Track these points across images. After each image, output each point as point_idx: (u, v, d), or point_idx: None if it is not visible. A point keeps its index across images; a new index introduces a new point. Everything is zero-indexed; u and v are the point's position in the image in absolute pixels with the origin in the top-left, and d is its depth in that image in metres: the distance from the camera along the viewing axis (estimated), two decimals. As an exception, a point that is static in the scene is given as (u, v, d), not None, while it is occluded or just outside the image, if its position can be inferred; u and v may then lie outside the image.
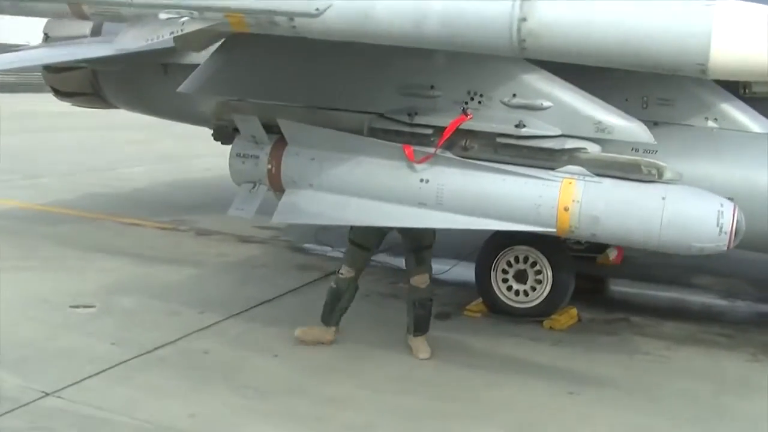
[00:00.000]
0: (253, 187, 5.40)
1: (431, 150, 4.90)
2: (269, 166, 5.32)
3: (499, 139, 4.81)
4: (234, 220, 10.21)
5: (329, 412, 5.08)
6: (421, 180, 4.92)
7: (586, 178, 4.66)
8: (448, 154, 4.90)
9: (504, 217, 4.76)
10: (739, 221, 4.46)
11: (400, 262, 7.75)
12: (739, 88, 5.82)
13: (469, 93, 4.89)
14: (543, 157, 4.77)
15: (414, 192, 4.93)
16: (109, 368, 5.55)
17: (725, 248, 4.48)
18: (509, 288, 6.86)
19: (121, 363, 5.64)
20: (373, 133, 5.15)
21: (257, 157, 5.38)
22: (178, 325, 6.42)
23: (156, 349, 5.95)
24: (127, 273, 7.68)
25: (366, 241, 5.77)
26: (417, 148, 4.91)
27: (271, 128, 5.38)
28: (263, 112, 5.42)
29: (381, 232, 5.73)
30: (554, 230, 4.71)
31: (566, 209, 4.62)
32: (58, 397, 5.09)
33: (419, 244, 5.75)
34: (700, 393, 5.54)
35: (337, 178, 5.13)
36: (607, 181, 4.63)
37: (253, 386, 5.40)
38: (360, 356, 5.90)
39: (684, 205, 4.49)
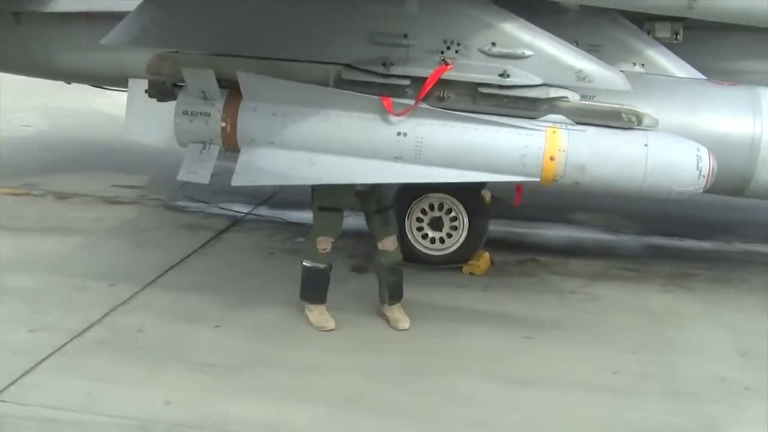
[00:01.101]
0: (204, 148, 4.93)
1: (409, 102, 4.69)
2: (223, 124, 4.88)
3: (482, 89, 4.70)
4: (88, 180, 9.65)
5: (311, 380, 4.86)
6: (399, 133, 4.72)
7: (570, 127, 4.68)
8: (426, 106, 4.72)
9: (487, 169, 4.70)
10: (713, 165, 4.68)
11: (282, 215, 8.02)
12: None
13: (445, 42, 4.72)
14: (524, 107, 4.73)
15: (390, 146, 4.73)
16: (45, 359, 4.95)
17: (701, 191, 4.69)
18: (425, 236, 6.87)
19: (55, 351, 5.05)
20: (341, 85, 4.85)
21: (208, 114, 4.91)
22: (93, 301, 5.87)
23: (85, 331, 5.39)
24: (6, 248, 6.80)
25: (337, 201, 5.41)
26: (396, 100, 4.68)
27: (219, 83, 4.91)
28: (212, 65, 4.92)
29: (351, 189, 5.37)
30: (538, 180, 4.71)
31: (552, 158, 4.63)
32: (1, 401, 4.45)
33: (384, 204, 5.54)
34: (640, 326, 5.84)
35: (303, 134, 4.80)
36: (591, 130, 4.69)
37: (212, 362, 5.05)
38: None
39: (665, 151, 4.64)
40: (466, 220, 6.82)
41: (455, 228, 6.82)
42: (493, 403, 4.71)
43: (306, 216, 8.02)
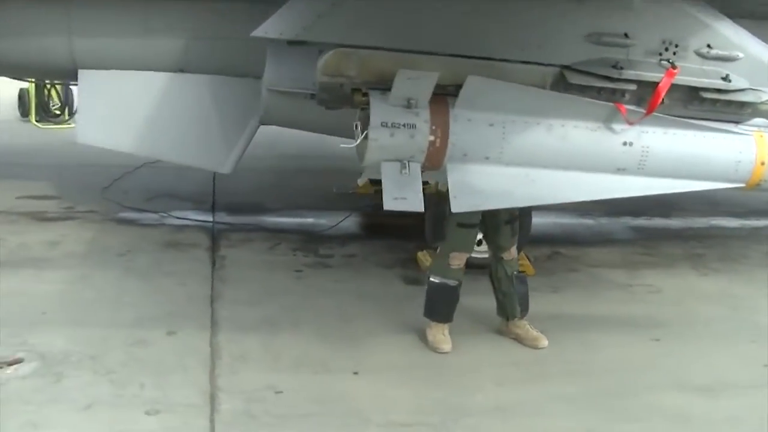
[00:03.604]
0: (404, 168, 4.08)
1: (637, 109, 4.26)
2: (431, 137, 4.07)
3: (704, 94, 4.39)
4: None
5: (521, 423, 4.31)
6: (624, 143, 4.29)
7: (772, 131, 4.55)
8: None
9: (704, 177, 4.45)
10: None
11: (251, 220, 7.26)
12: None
13: (663, 42, 4.34)
14: (732, 111, 4.51)
15: (615, 157, 4.30)
16: None
17: None
18: (472, 240, 6.39)
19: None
20: (563, 89, 4.26)
21: (413, 126, 4.06)
22: (173, 358, 4.78)
23: (214, 403, 4.33)
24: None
25: (475, 217, 4.86)
26: (630, 107, 4.22)
27: (406, 87, 4.08)
28: (408, 65, 4.06)
29: None
30: (744, 185, 4.55)
31: (763, 163, 4.49)
32: None
33: (515, 213, 5.05)
34: (729, 315, 5.91)
35: (524, 148, 4.18)
36: (792, 132, 4.59)
37: (404, 421, 4.29)
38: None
39: None
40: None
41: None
42: (707, 416, 4.49)
43: (277, 221, 7.33)
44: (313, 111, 5.34)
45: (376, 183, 8.68)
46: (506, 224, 5.08)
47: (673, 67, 4.31)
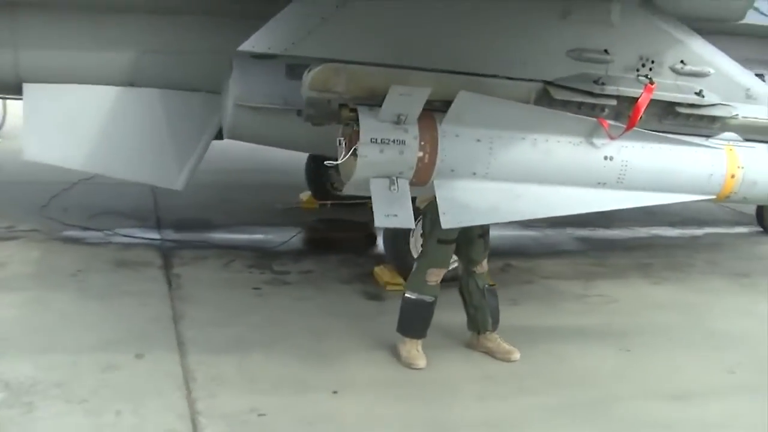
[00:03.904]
0: (393, 184, 4.03)
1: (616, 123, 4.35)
2: (420, 154, 4.05)
3: (679, 109, 4.51)
4: None
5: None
6: (606, 157, 4.37)
7: (741, 144, 4.72)
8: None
9: (678, 189, 4.57)
10: None
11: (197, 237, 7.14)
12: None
13: (641, 58, 4.43)
14: (703, 125, 4.65)
15: (596, 171, 4.36)
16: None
17: None
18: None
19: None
20: (549, 104, 4.30)
21: (403, 142, 4.02)
22: (146, 383, 4.58)
23: (197, 429, 4.17)
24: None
25: (454, 233, 4.84)
26: (611, 122, 4.30)
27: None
28: (394, 80, 4.02)
29: None
30: (714, 197, 4.69)
31: (732, 176, 4.65)
32: None
33: (485, 226, 5.05)
34: (687, 322, 6.09)
35: (510, 163, 4.20)
36: (759, 146, 4.76)
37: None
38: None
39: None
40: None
41: (458, 241, 6.44)
42: (689, 423, 4.59)
43: (226, 237, 7.21)
44: (284, 126, 5.27)
45: (321, 198, 8.69)
46: (479, 237, 5.09)
47: (651, 82, 4.42)
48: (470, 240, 5.10)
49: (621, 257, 7.58)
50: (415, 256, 6.32)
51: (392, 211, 4.02)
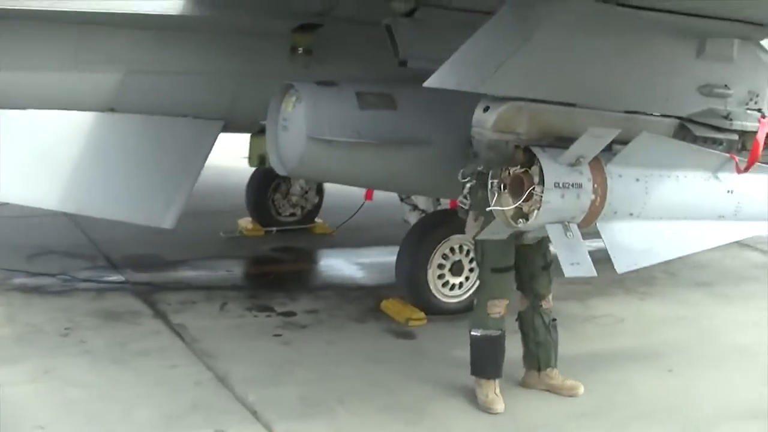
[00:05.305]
0: (567, 230, 3.76)
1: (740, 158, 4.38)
2: (593, 197, 3.82)
3: (778, 143, 4.59)
4: None
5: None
6: (728, 191, 4.36)
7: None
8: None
9: (770, 217, 4.66)
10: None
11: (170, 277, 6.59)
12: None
13: (749, 93, 4.46)
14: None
15: (720, 205, 4.35)
16: None
17: None
18: (445, 284, 6.20)
19: None
20: (684, 139, 4.23)
21: (580, 186, 3.77)
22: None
23: None
24: None
25: (510, 259, 4.68)
26: (740, 157, 4.31)
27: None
28: (567, 119, 3.77)
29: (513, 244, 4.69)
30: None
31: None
32: None
33: (549, 258, 4.92)
34: (693, 337, 6.20)
35: (661, 201, 4.09)
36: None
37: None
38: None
39: None
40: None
41: (471, 270, 6.26)
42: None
43: (194, 275, 6.56)
44: (360, 162, 4.81)
45: (265, 225, 8.09)
46: (543, 270, 4.93)
47: (763, 116, 4.47)
48: (533, 273, 4.93)
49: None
50: (433, 288, 6.09)
51: (575, 260, 3.77)
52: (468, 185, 4.35)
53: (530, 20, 3.71)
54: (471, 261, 6.19)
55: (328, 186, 8.13)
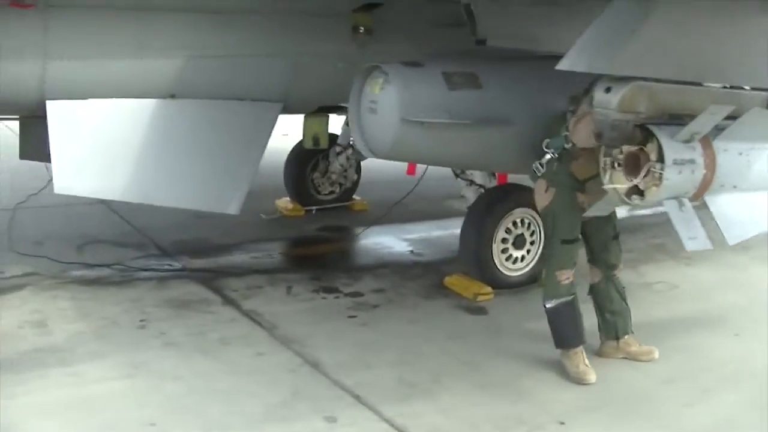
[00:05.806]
0: (682, 205, 3.78)
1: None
2: (704, 171, 3.85)
3: None
4: None
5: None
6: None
7: None
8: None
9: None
10: None
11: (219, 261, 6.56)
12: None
13: None
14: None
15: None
16: None
17: None
18: (508, 257, 6.22)
19: None
20: None
21: (693, 161, 3.80)
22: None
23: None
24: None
25: (577, 231, 4.76)
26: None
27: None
28: (684, 97, 3.76)
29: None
30: None
31: None
32: None
33: (618, 228, 5.02)
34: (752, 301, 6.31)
35: (760, 173, 4.15)
36: None
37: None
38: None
39: None
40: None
41: (533, 243, 6.29)
42: None
43: (250, 260, 6.62)
44: (452, 142, 4.78)
45: (305, 204, 8.01)
46: (614, 240, 4.99)
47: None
48: (605, 243, 4.99)
49: (635, 240, 7.63)
50: (498, 263, 6.10)
51: (693, 234, 3.79)
52: (548, 155, 4.42)
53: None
54: (532, 234, 6.23)
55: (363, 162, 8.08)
